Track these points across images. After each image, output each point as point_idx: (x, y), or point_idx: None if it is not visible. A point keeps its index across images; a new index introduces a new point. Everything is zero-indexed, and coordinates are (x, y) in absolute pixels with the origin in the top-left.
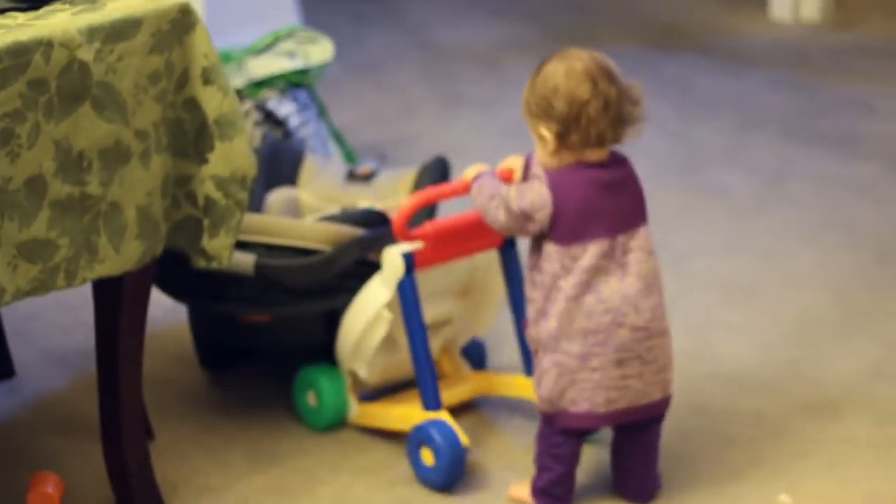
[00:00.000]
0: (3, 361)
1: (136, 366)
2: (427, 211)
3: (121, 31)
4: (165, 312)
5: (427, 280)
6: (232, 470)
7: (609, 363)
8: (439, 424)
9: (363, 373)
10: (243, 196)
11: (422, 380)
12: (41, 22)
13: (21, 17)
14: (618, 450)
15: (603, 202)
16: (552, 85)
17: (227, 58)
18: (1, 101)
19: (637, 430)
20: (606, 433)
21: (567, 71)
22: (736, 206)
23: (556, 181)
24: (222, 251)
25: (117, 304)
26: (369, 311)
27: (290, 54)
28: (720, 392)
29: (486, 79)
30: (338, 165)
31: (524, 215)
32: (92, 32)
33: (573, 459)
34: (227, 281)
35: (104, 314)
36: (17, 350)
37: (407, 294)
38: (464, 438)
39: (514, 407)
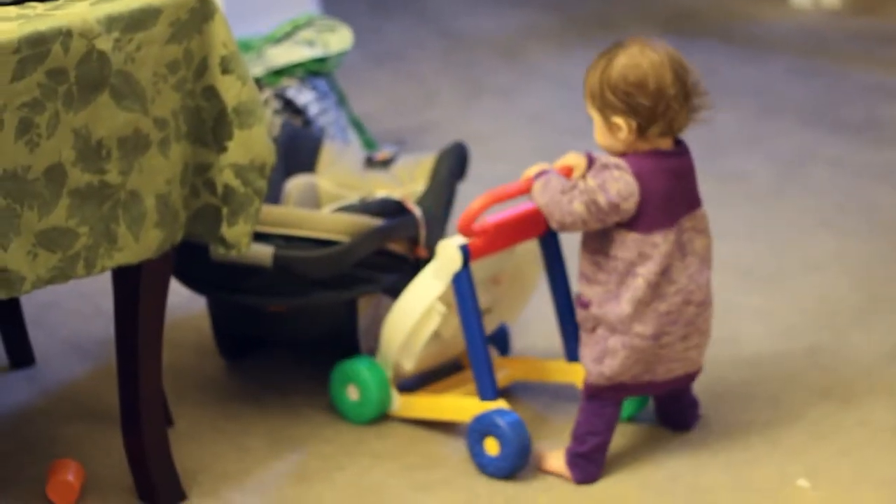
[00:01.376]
0: (23, 349)
1: (155, 354)
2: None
3: (139, 20)
4: (184, 302)
5: (477, 269)
6: (250, 456)
7: (677, 339)
8: (504, 414)
9: (409, 365)
10: (262, 184)
11: (479, 371)
12: (60, 12)
13: (40, 7)
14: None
15: (675, 188)
16: (637, 78)
17: (246, 47)
18: (20, 91)
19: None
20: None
21: (651, 64)
22: (756, 191)
23: (638, 169)
24: (241, 238)
25: (136, 293)
26: (422, 304)
27: (310, 43)
28: (739, 376)
29: (506, 67)
30: (356, 152)
31: (612, 207)
32: (111, 22)
33: (614, 424)
34: (245, 272)
35: (124, 302)
36: (37, 338)
37: (463, 286)
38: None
39: (536, 392)
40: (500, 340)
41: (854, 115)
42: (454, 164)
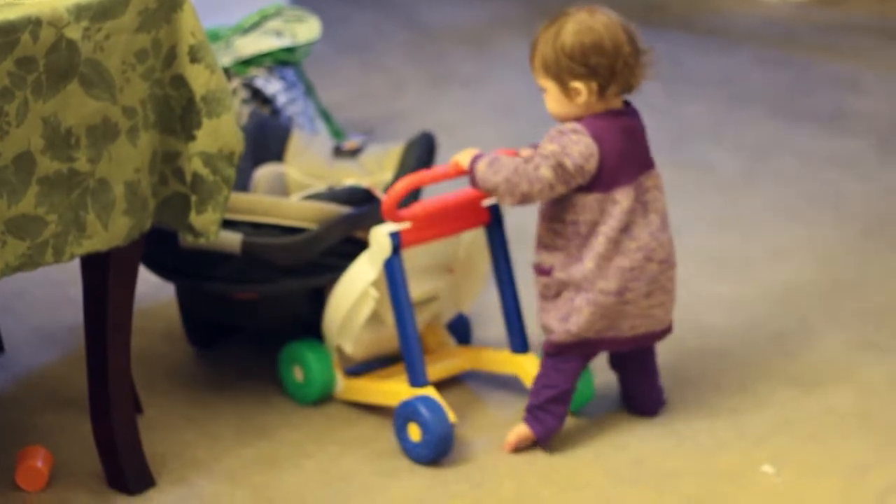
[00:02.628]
0: None
1: (124, 341)
2: (413, 192)
3: (108, 9)
4: (154, 289)
5: (413, 257)
6: (219, 443)
7: (640, 296)
8: (427, 400)
9: (349, 349)
10: (230, 172)
11: (409, 357)
12: (30, 1)
13: None
14: (624, 374)
15: (630, 146)
16: (592, 40)
17: (214, 36)
18: None
19: (640, 353)
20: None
21: (604, 25)
22: (723, 181)
23: (595, 130)
24: (210, 226)
25: (105, 280)
26: (356, 288)
27: (278, 33)
28: (706, 364)
29: (473, 57)
30: (324, 142)
31: (578, 169)
32: (80, 11)
33: (576, 377)
34: (214, 259)
35: (92, 290)
36: (6, 327)
37: (394, 272)
38: (451, 414)
39: (499, 382)
40: (460, 329)
41: (820, 105)
42: (422, 154)
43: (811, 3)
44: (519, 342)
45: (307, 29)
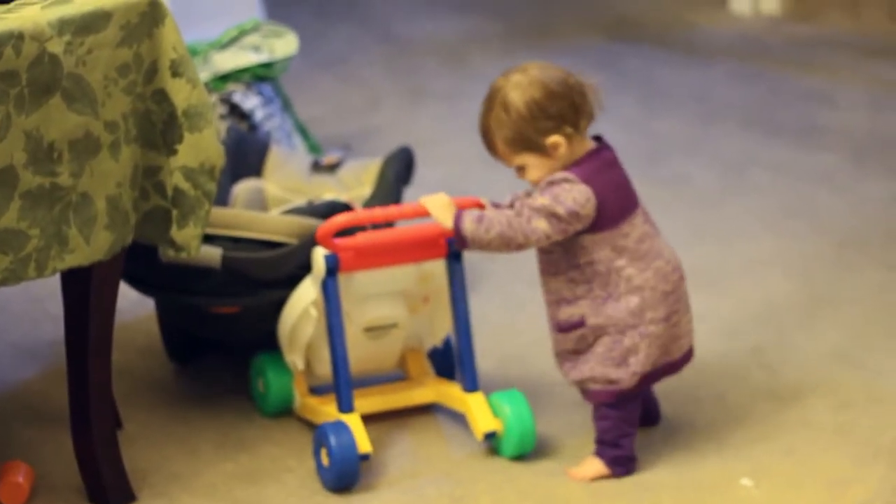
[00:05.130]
0: None
1: (105, 355)
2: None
3: (91, 23)
4: (132, 304)
5: (369, 283)
6: (200, 458)
7: (682, 315)
8: (339, 427)
9: (300, 365)
10: (212, 187)
11: (337, 381)
12: (12, 15)
13: None
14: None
15: (620, 177)
16: (542, 91)
17: (192, 52)
18: None
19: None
20: None
21: (541, 73)
22: (698, 195)
23: (585, 174)
24: (191, 241)
25: (86, 295)
26: (299, 307)
27: (255, 48)
28: (683, 378)
29: (449, 72)
30: (303, 157)
31: (573, 215)
32: (62, 25)
33: (639, 410)
34: (194, 274)
35: (73, 304)
36: None
37: (329, 294)
38: (363, 445)
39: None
40: (441, 360)
41: (794, 119)
42: (400, 169)
43: (785, 18)
44: (470, 381)
45: (284, 44)
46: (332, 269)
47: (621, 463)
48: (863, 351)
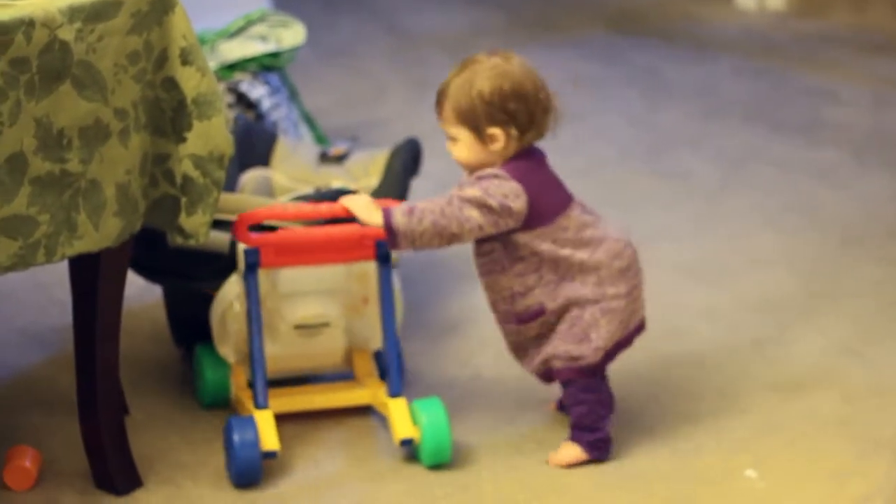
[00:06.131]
0: None
1: (112, 341)
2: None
3: (101, 11)
4: (139, 292)
5: (297, 280)
6: (206, 446)
7: (640, 288)
8: (244, 423)
9: (231, 358)
10: (220, 175)
11: (254, 377)
12: (23, 2)
13: None
14: None
15: (550, 176)
16: (512, 87)
17: (199, 41)
18: None
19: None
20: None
21: (522, 71)
22: (700, 190)
23: (516, 173)
24: (199, 228)
25: (95, 281)
26: (224, 301)
27: (262, 38)
28: (685, 372)
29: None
30: (310, 147)
31: (505, 209)
32: (73, 12)
33: (608, 384)
34: (201, 260)
35: (82, 291)
36: None
37: (248, 288)
38: (268, 443)
39: (489, 387)
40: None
41: (797, 115)
42: (407, 160)
43: (789, 14)
44: (393, 386)
45: (292, 34)
46: (252, 263)
47: (599, 447)
48: (865, 344)
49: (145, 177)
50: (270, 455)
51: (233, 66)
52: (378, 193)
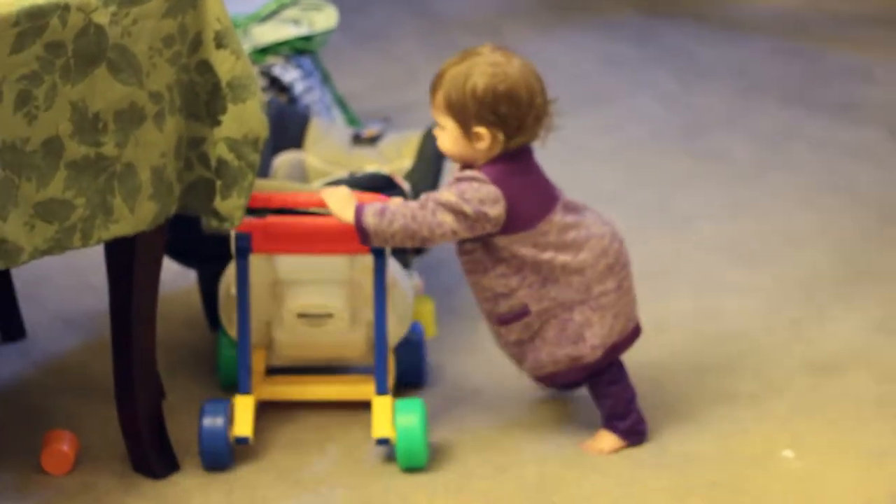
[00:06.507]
0: (15, 323)
1: (149, 325)
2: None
3: None
4: (174, 277)
5: (297, 268)
6: None
7: (630, 281)
8: (215, 406)
9: None
10: (255, 158)
11: (240, 360)
12: None
13: None
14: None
15: (535, 179)
16: (507, 89)
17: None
18: (18, 64)
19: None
20: None
21: (521, 73)
22: (737, 170)
23: (496, 176)
24: (234, 212)
25: (130, 265)
26: (224, 286)
27: (295, 21)
28: (723, 350)
29: (488, 43)
30: (343, 129)
31: (480, 215)
32: None
33: (626, 371)
34: None
35: (117, 274)
36: (28, 313)
37: (239, 273)
38: (240, 429)
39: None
40: (404, 356)
41: (834, 95)
42: None
43: None
44: (380, 384)
45: (324, 18)
46: (242, 248)
47: (634, 432)
48: None
49: (180, 160)
50: (242, 441)
51: (265, 50)
52: (411, 175)
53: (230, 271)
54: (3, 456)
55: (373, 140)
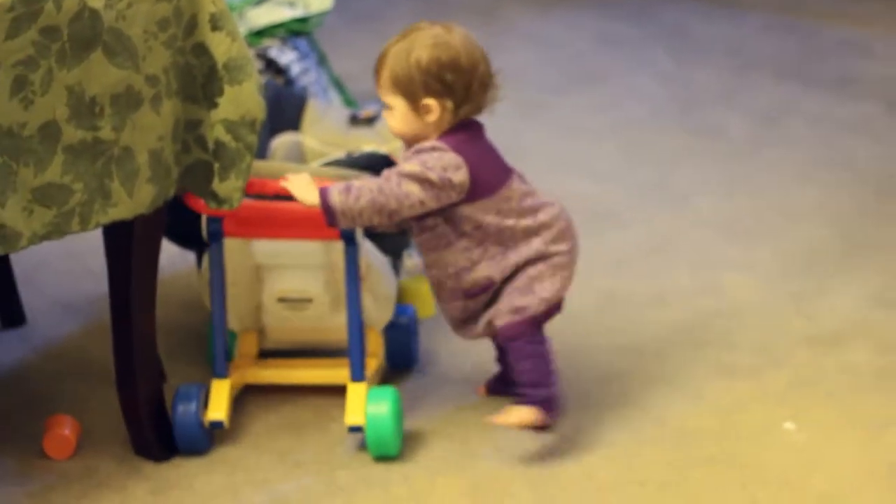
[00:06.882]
0: (15, 309)
1: (148, 308)
2: None
3: None
4: (172, 259)
5: (273, 253)
6: (243, 408)
7: (577, 253)
8: (189, 390)
9: (233, 325)
10: (253, 139)
11: (215, 345)
12: None
13: None
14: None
15: (489, 147)
16: (450, 58)
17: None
18: (14, 49)
19: None
20: None
21: (462, 43)
22: (734, 146)
23: (455, 144)
24: (233, 193)
25: (129, 249)
26: (204, 268)
27: (290, 3)
28: (723, 324)
29: (482, 26)
30: (340, 110)
31: (445, 182)
32: None
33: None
34: None
35: (116, 258)
36: (27, 298)
37: (211, 257)
38: (214, 412)
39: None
40: (393, 339)
41: (830, 70)
42: None
43: None
44: (355, 371)
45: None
46: (213, 232)
47: (552, 404)
48: None
49: (178, 143)
50: (217, 425)
51: (261, 33)
52: None
53: (203, 266)
54: (6, 441)
55: (370, 121)
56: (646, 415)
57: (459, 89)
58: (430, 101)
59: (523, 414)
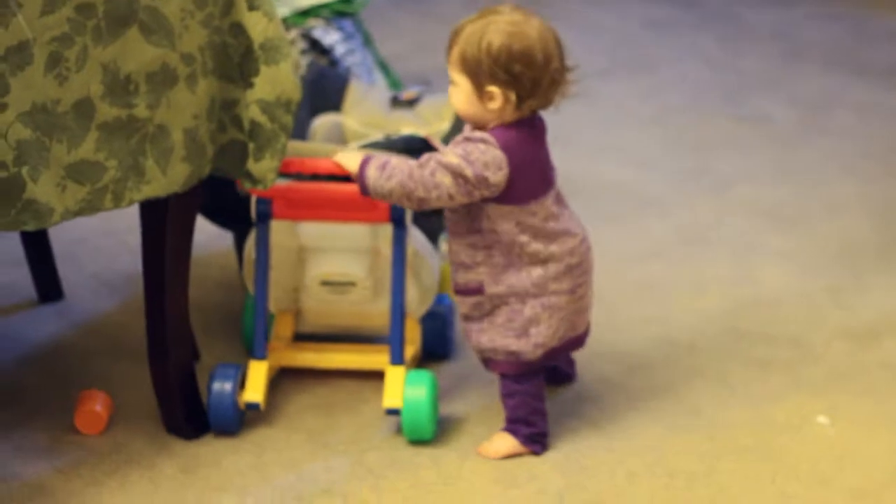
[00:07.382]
0: (53, 284)
1: (182, 286)
2: None
3: None
4: (209, 239)
5: (320, 235)
6: (276, 389)
7: (588, 288)
8: (226, 370)
9: (270, 306)
10: (288, 120)
11: (256, 325)
12: None
13: None
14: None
15: (541, 155)
16: (523, 49)
17: None
18: (50, 26)
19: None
20: None
21: (539, 34)
22: (779, 134)
23: (505, 142)
24: (267, 174)
25: (163, 227)
26: (249, 247)
27: None
28: (760, 316)
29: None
30: (382, 92)
31: (481, 180)
32: None
33: (542, 382)
34: None
35: (151, 236)
36: (66, 274)
37: (259, 238)
38: (251, 394)
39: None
40: (431, 327)
41: (878, 59)
42: None
43: None
44: (395, 354)
45: None
46: (262, 214)
47: (537, 440)
48: None
49: (213, 122)
50: (253, 406)
51: (306, 13)
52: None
53: (247, 246)
54: (38, 415)
55: (411, 103)
56: (678, 405)
57: (527, 82)
58: (494, 89)
59: (508, 445)
